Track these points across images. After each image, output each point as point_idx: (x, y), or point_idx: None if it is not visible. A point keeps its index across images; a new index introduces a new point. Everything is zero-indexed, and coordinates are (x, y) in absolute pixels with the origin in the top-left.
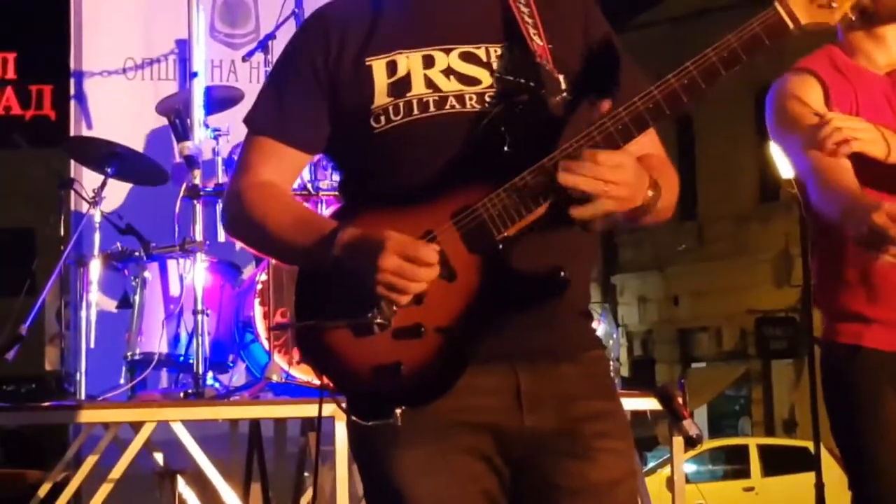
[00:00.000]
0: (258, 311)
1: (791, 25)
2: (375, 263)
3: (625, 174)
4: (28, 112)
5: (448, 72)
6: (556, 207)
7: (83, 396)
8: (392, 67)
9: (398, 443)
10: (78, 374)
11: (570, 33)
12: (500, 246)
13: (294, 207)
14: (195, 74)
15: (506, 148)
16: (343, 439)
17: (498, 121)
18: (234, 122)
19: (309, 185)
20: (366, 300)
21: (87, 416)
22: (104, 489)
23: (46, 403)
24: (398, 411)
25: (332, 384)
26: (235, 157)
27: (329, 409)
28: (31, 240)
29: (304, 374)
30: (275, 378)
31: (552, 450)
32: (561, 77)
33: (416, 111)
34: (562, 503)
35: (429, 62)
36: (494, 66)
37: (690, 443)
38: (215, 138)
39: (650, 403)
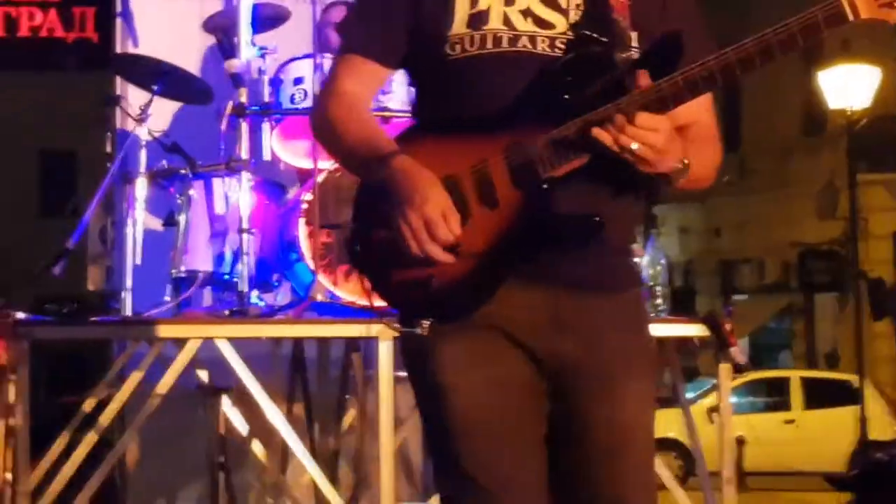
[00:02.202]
0: (303, 231)
1: (851, 18)
2: (410, 206)
3: (656, 139)
4: (71, 34)
5: (526, 13)
6: (598, 157)
7: (129, 313)
8: (474, 0)
9: (441, 341)
10: (123, 292)
11: None
12: (545, 185)
13: (365, 121)
14: None
15: (566, 95)
16: (387, 360)
17: (564, 68)
18: (280, 41)
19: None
20: None
21: (132, 332)
22: (148, 406)
23: (92, 319)
24: (425, 323)
25: (372, 288)
26: (282, 77)
27: (373, 329)
28: (73, 162)
29: (349, 294)
30: (319, 298)
31: (577, 381)
32: (634, 35)
33: (489, 45)
34: (581, 435)
35: (509, 0)
36: (572, 14)
37: (738, 370)
38: (262, 56)
39: (695, 330)
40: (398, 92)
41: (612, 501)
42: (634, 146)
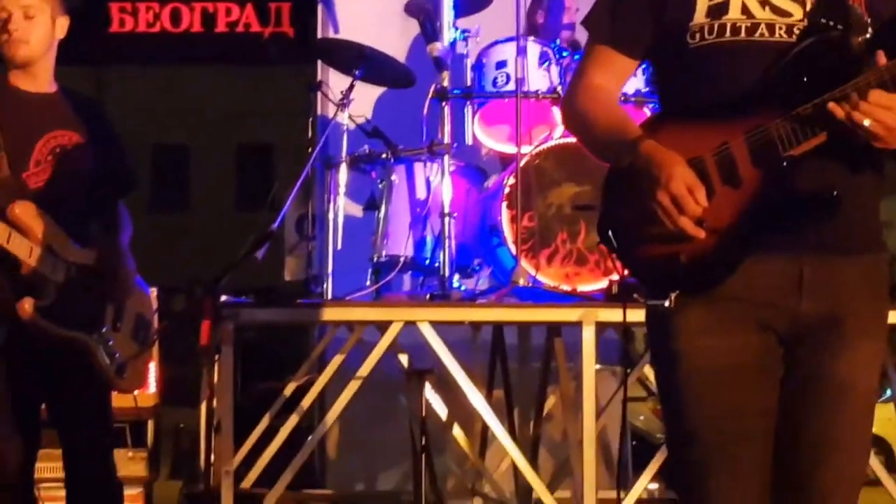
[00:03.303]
0: (505, 215)
1: None
2: (663, 182)
3: (888, 116)
4: (266, 29)
5: (764, 2)
6: (834, 135)
7: (330, 297)
8: None
9: (680, 311)
10: (324, 277)
11: None
12: (785, 163)
13: (614, 111)
14: None
15: (804, 79)
16: (590, 344)
17: (802, 54)
18: (483, 24)
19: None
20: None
21: (334, 313)
22: (350, 389)
23: (295, 301)
24: (673, 295)
25: (622, 265)
26: (484, 60)
27: (576, 314)
28: (270, 156)
29: (551, 280)
30: (521, 282)
31: (814, 337)
32: (868, 19)
33: (728, 34)
34: (807, 391)
35: None
36: (808, 2)
37: None
38: (464, 40)
39: None
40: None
41: (831, 444)
42: (867, 122)
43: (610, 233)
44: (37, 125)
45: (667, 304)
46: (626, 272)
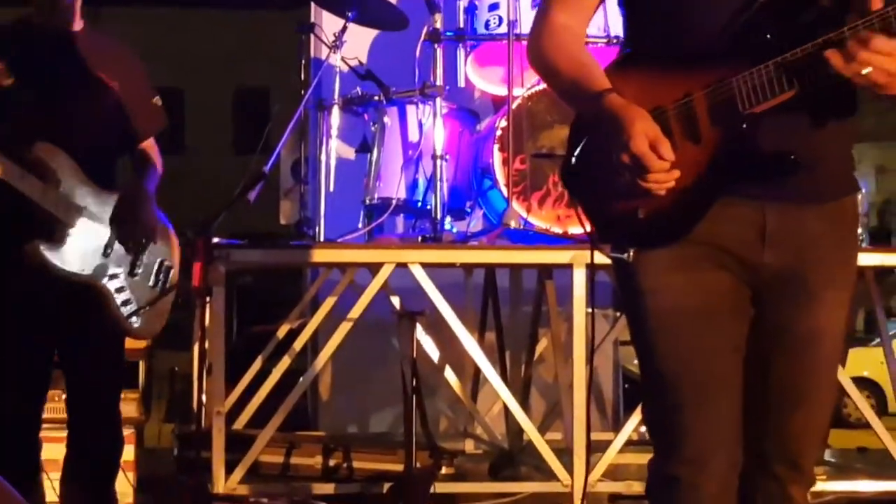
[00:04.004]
0: (497, 158)
1: None
2: (624, 141)
3: (890, 63)
4: None
5: None
6: (805, 89)
7: (322, 240)
8: None
9: (646, 253)
10: (317, 219)
11: None
12: (745, 124)
13: (578, 56)
14: None
15: (768, 36)
16: (581, 286)
17: (769, 6)
18: None
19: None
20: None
21: (326, 255)
22: (341, 330)
23: (287, 243)
24: (631, 251)
25: (584, 214)
26: (476, 2)
27: (567, 256)
28: (266, 99)
29: (543, 222)
30: (513, 225)
31: (779, 290)
32: None
33: None
34: (777, 334)
35: None
36: None
37: None
38: None
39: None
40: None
41: (798, 393)
42: (865, 71)
43: (573, 181)
44: (62, 63)
45: (625, 257)
46: (589, 222)
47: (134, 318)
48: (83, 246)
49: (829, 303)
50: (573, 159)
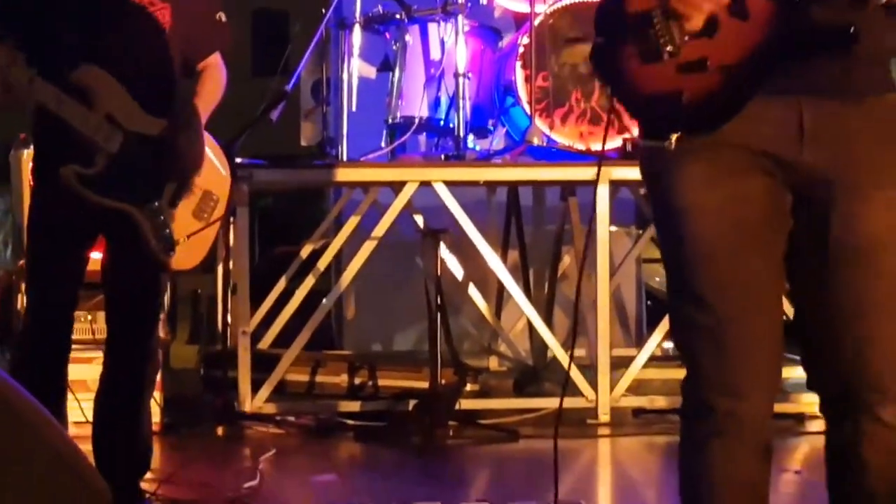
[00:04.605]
0: (520, 75)
1: None
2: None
3: None
4: None
5: None
6: None
7: (345, 159)
8: None
9: (681, 161)
10: (339, 138)
11: None
12: None
13: None
14: None
15: None
16: (604, 203)
17: None
18: None
19: None
20: (657, 26)
21: (348, 174)
22: (365, 249)
23: (310, 163)
24: (674, 136)
25: (620, 102)
26: None
27: (590, 172)
28: (286, 23)
29: (566, 139)
30: (535, 142)
31: (823, 191)
32: None
33: None
34: (823, 244)
35: None
36: None
37: None
38: None
39: None
40: None
41: (853, 312)
42: None
43: (607, 68)
44: None
45: (666, 144)
46: (626, 110)
47: (168, 249)
48: (123, 173)
49: (883, 204)
50: (605, 42)
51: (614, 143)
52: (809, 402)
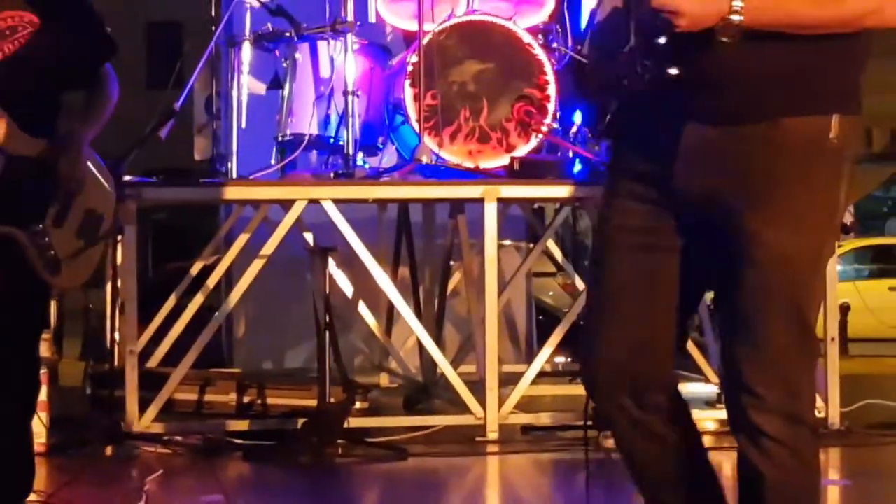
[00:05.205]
0: (409, 93)
1: None
2: None
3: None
4: None
5: None
6: None
7: (235, 177)
8: None
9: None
10: (230, 155)
11: None
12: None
13: None
14: None
15: None
16: (492, 220)
17: None
18: None
19: None
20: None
21: (238, 192)
22: (255, 266)
23: (200, 180)
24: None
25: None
26: None
27: (478, 190)
28: (179, 34)
29: (455, 157)
30: (424, 159)
31: (700, 214)
32: None
33: None
34: (713, 271)
35: None
36: None
37: (844, 230)
38: None
39: None
40: None
41: (728, 328)
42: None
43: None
44: None
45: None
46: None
47: (54, 271)
48: (4, 195)
49: (758, 225)
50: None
51: (502, 161)
52: None
